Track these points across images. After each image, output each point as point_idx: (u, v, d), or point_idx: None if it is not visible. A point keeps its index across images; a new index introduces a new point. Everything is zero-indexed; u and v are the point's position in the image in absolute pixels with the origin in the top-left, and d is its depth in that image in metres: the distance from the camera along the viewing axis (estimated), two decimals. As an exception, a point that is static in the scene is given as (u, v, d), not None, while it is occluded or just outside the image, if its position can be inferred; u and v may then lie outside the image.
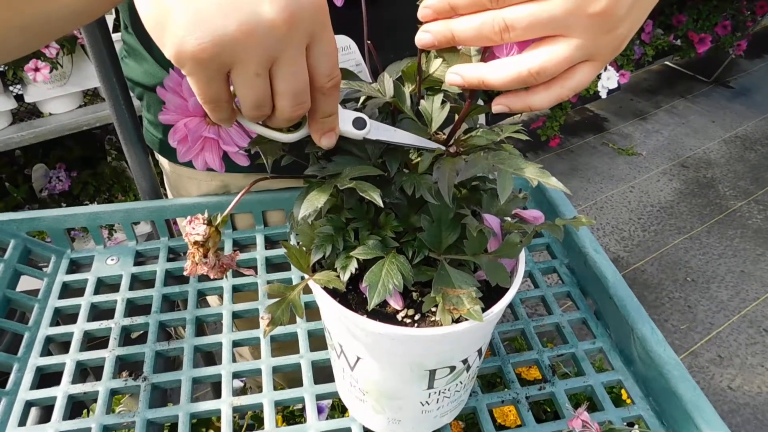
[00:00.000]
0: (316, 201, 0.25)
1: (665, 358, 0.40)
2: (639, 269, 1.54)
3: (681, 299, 1.45)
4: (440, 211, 0.27)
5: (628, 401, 0.41)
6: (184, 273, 0.25)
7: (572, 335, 0.46)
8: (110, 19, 1.09)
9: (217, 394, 0.40)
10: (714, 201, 1.79)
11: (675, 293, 1.47)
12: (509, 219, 0.31)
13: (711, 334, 1.35)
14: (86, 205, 1.27)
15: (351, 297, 0.31)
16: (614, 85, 1.71)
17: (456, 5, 0.25)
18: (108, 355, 0.42)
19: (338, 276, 0.27)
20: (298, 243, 0.30)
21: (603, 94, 1.72)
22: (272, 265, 0.53)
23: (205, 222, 0.25)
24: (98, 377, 0.41)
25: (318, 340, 0.43)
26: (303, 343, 0.44)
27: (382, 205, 0.24)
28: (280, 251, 0.53)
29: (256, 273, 0.50)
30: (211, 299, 0.63)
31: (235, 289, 0.50)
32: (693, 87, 2.38)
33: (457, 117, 0.29)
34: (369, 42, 0.33)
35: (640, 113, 2.21)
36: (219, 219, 0.25)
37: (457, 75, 0.26)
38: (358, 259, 0.27)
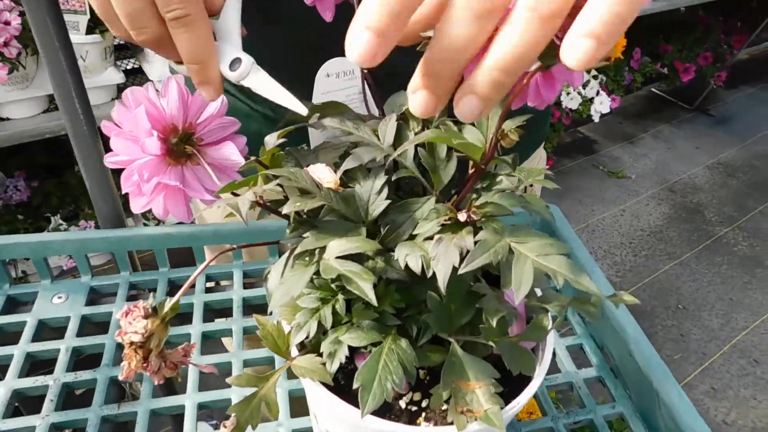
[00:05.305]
0: (293, 288, 0.19)
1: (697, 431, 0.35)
2: (632, 296, 1.52)
3: (674, 327, 1.43)
4: (451, 287, 0.21)
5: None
6: (120, 377, 0.19)
7: (589, 397, 0.41)
8: (84, 20, 1.02)
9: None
10: (701, 227, 1.79)
11: (667, 321, 1.45)
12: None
13: (704, 364, 1.33)
14: (47, 217, 1.18)
15: (341, 375, 0.25)
16: (607, 110, 1.72)
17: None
18: (40, 423, 0.35)
19: (325, 363, 0.21)
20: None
21: (596, 119, 1.72)
22: (250, 307, 0.46)
23: (147, 314, 0.19)
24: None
25: (300, 402, 0.37)
26: (283, 405, 0.38)
27: (376, 304, 0.18)
28: (261, 291, 0.46)
29: (217, 371, 0.41)
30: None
31: (206, 336, 0.43)
32: (677, 113, 2.42)
33: (471, 169, 0.24)
34: (365, 71, 0.27)
35: (629, 137, 2.22)
36: (167, 307, 0.19)
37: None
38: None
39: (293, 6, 0.30)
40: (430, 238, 0.20)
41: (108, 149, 0.25)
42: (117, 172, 0.57)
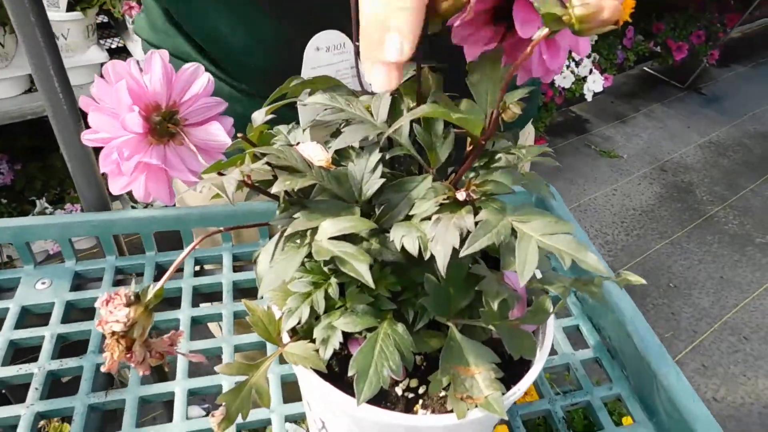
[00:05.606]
0: (284, 272, 0.18)
1: (696, 413, 0.35)
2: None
3: (665, 306, 1.45)
4: (449, 269, 0.21)
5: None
6: (102, 369, 0.18)
7: (586, 379, 0.41)
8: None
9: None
10: (692, 206, 1.80)
11: (659, 300, 1.46)
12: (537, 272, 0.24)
13: (694, 342, 1.35)
14: (32, 201, 1.15)
15: (335, 361, 0.24)
16: (599, 89, 1.70)
17: None
18: (24, 412, 0.34)
19: (318, 350, 0.20)
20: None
21: (588, 97, 1.71)
22: (240, 291, 0.45)
23: (130, 301, 0.17)
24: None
25: (293, 387, 0.36)
26: (275, 390, 0.37)
27: (373, 286, 0.17)
28: (251, 274, 0.45)
29: (205, 360, 0.41)
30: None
31: (195, 321, 0.42)
32: (669, 92, 2.42)
33: (469, 146, 0.22)
34: (357, 44, 0.26)
35: (621, 116, 2.21)
36: (151, 293, 0.18)
37: None
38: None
39: None
40: (428, 218, 0.19)
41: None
42: (99, 153, 0.54)
